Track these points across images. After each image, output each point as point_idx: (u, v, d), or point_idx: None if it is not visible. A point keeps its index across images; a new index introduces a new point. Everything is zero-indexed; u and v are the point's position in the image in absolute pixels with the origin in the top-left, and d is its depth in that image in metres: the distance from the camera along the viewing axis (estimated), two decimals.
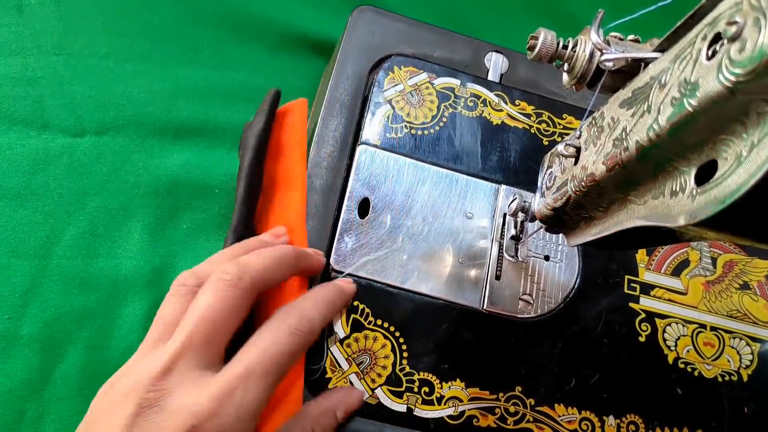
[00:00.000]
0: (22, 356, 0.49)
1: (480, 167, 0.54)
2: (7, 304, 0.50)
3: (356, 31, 0.58)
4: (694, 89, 0.25)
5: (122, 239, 0.55)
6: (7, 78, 0.58)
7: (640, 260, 0.53)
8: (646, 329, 0.51)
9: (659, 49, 0.31)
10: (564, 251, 0.52)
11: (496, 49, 0.60)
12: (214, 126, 0.61)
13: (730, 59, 0.23)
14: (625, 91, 0.32)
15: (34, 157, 0.56)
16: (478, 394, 0.46)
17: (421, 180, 0.52)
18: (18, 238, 0.53)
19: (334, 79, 0.56)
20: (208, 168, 0.59)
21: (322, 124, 0.54)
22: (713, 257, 0.54)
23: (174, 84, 0.62)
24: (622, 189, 0.33)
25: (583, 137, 0.36)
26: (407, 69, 0.55)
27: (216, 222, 0.58)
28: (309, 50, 0.68)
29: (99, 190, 0.56)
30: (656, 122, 0.27)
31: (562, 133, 0.57)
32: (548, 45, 0.36)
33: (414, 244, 0.50)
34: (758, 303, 0.54)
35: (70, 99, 0.58)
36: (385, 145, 0.52)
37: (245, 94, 0.64)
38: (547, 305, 0.50)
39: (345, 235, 0.49)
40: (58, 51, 0.60)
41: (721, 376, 0.51)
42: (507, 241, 0.51)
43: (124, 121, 0.59)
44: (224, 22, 0.66)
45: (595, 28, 0.34)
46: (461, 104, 0.55)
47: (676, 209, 0.27)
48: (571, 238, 0.40)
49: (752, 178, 0.22)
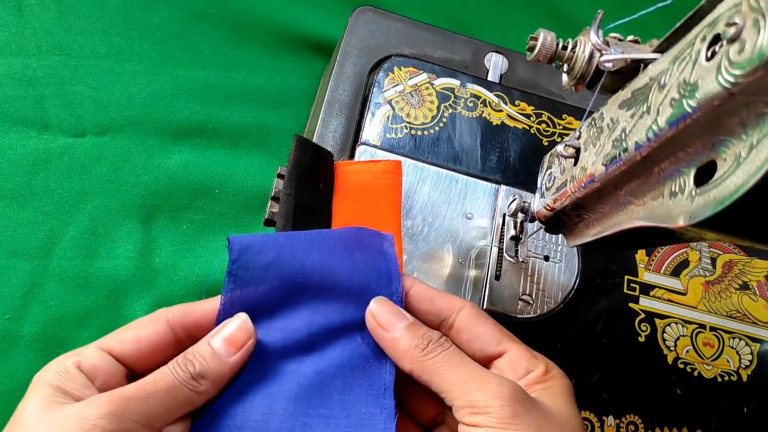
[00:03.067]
0: (22, 356, 0.49)
1: (480, 167, 0.54)
2: (8, 304, 0.50)
3: (356, 31, 0.58)
4: (693, 90, 0.25)
5: (122, 239, 0.55)
6: (7, 78, 0.58)
7: (639, 260, 0.53)
8: (646, 329, 0.51)
9: (659, 50, 0.31)
10: (563, 251, 0.52)
11: (495, 50, 0.60)
12: (214, 126, 0.61)
13: (729, 60, 0.23)
14: (624, 92, 0.32)
15: (34, 157, 0.56)
16: None
17: (421, 180, 0.52)
18: (18, 238, 0.53)
19: (334, 80, 0.56)
20: (208, 168, 0.59)
21: (322, 125, 0.54)
22: (713, 257, 0.54)
23: (174, 84, 0.62)
24: (621, 190, 0.33)
25: (582, 138, 0.36)
26: (407, 69, 0.55)
27: (216, 222, 0.58)
28: (309, 50, 0.68)
29: (99, 190, 0.56)
30: (655, 123, 0.27)
31: (562, 134, 0.57)
32: (548, 46, 0.36)
33: (414, 244, 0.50)
34: (758, 303, 0.54)
35: (71, 99, 0.59)
36: (385, 146, 0.52)
37: (245, 94, 0.64)
38: (547, 305, 0.50)
39: None
40: (58, 51, 0.60)
41: (720, 376, 0.51)
42: (507, 241, 0.51)
43: (124, 121, 0.59)
44: (224, 22, 0.66)
45: (594, 29, 0.34)
46: (461, 105, 0.55)
47: (675, 210, 0.27)
48: (570, 238, 0.40)
49: (751, 179, 0.22)
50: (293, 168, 0.45)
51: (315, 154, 0.47)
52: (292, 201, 0.44)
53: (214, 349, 0.33)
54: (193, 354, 0.32)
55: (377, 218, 0.47)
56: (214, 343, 0.33)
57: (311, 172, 0.46)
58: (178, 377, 0.31)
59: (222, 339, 0.33)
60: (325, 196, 0.47)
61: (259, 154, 0.62)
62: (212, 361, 0.32)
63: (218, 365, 0.32)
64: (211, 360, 0.32)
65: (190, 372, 0.31)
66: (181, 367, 0.31)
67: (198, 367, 0.32)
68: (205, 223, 0.58)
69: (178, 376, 0.31)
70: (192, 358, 0.32)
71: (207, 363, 0.32)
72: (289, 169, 0.45)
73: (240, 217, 0.59)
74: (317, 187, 0.47)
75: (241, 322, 0.34)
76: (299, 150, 0.46)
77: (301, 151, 0.46)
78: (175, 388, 0.31)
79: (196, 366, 0.32)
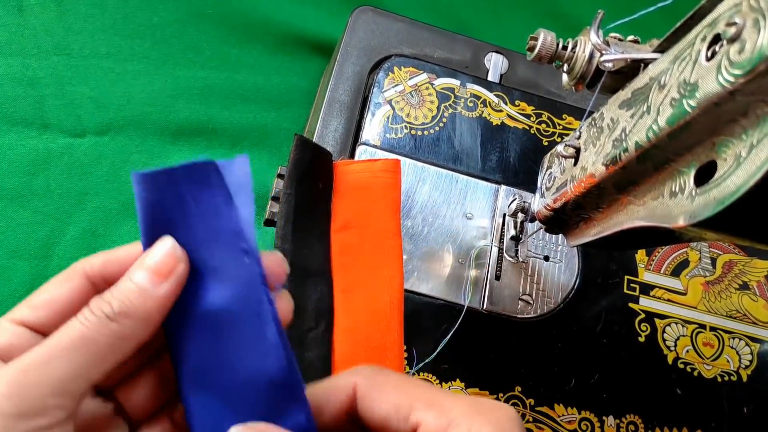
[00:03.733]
0: None
1: (480, 167, 0.54)
2: (8, 305, 0.50)
3: (356, 31, 0.58)
4: (693, 90, 0.25)
5: (122, 239, 0.55)
6: (8, 78, 0.58)
7: (639, 260, 0.53)
8: (646, 329, 0.51)
9: (659, 49, 0.31)
10: (563, 252, 0.52)
11: (495, 50, 0.60)
12: (214, 126, 0.61)
13: (729, 60, 0.23)
14: (624, 92, 0.32)
15: (34, 157, 0.56)
16: (477, 394, 0.46)
17: (421, 180, 0.52)
18: (18, 238, 0.53)
19: (334, 80, 0.56)
20: None
21: (322, 125, 0.54)
22: (713, 257, 0.54)
23: (174, 84, 0.62)
24: (621, 189, 0.33)
25: (582, 138, 0.36)
26: (407, 69, 0.55)
27: None
28: (309, 50, 0.68)
29: (99, 191, 0.56)
30: (656, 123, 0.27)
31: (562, 134, 0.57)
32: (548, 46, 0.36)
33: (414, 244, 0.50)
34: (758, 303, 0.54)
35: (71, 99, 0.59)
36: (385, 146, 0.52)
37: (245, 94, 0.64)
38: (547, 305, 0.50)
39: None
40: (58, 51, 0.60)
41: (720, 376, 0.51)
42: (507, 241, 0.51)
43: (124, 121, 0.59)
44: (224, 22, 0.66)
45: (594, 29, 0.34)
46: (461, 105, 0.55)
47: (675, 210, 0.27)
48: (570, 238, 0.40)
49: (751, 179, 0.22)
50: (293, 167, 0.45)
51: (315, 154, 0.47)
52: (292, 201, 0.44)
53: (138, 283, 0.27)
54: (111, 294, 0.27)
55: (377, 217, 0.47)
56: (137, 277, 0.27)
57: (311, 171, 0.46)
58: (88, 323, 0.26)
59: (146, 269, 0.27)
60: (325, 195, 0.47)
61: (259, 154, 0.62)
62: (136, 296, 0.27)
63: (144, 300, 0.27)
64: (135, 296, 0.27)
65: (106, 314, 0.26)
66: (92, 311, 0.26)
67: (117, 306, 0.26)
68: None
69: (88, 322, 0.26)
70: (109, 298, 0.26)
71: (129, 300, 0.26)
72: (290, 169, 0.45)
73: None
74: (317, 186, 0.46)
75: (168, 248, 0.28)
76: (299, 149, 0.46)
77: (301, 150, 0.46)
78: (88, 338, 0.25)
79: (114, 305, 0.26)
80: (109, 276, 0.29)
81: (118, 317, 0.26)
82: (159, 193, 0.30)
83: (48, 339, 0.26)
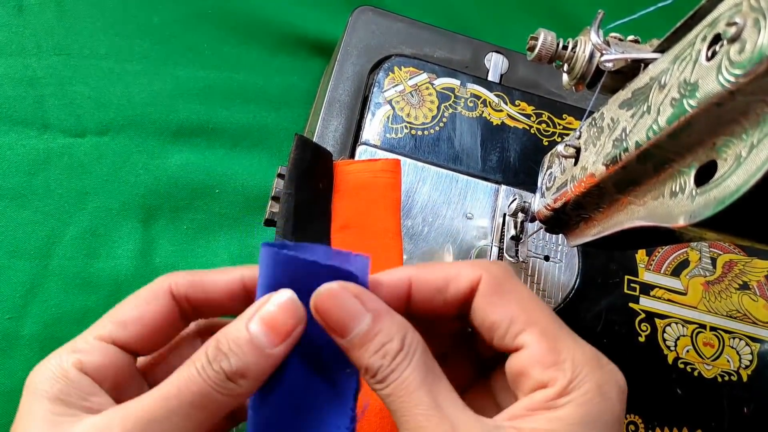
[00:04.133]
0: (22, 356, 0.49)
1: (480, 167, 0.54)
2: (8, 304, 0.50)
3: (356, 31, 0.58)
4: (693, 90, 0.25)
5: (122, 239, 0.55)
6: (8, 78, 0.58)
7: (639, 260, 0.53)
8: (646, 329, 0.51)
9: (659, 49, 0.31)
10: (564, 251, 0.52)
11: (496, 50, 0.60)
12: (214, 126, 0.61)
13: (729, 60, 0.23)
14: (624, 92, 0.32)
15: (34, 157, 0.56)
16: None
17: (421, 180, 0.52)
18: (19, 238, 0.53)
19: (334, 80, 0.56)
20: (208, 168, 0.59)
21: (322, 125, 0.54)
22: (713, 257, 0.54)
23: (174, 84, 0.62)
24: (621, 189, 0.33)
25: (582, 138, 0.36)
26: (407, 69, 0.55)
27: (216, 222, 0.58)
28: (309, 50, 0.68)
29: (99, 191, 0.56)
30: (656, 123, 0.27)
31: (562, 134, 0.57)
32: (548, 46, 0.36)
33: (414, 244, 0.50)
34: (758, 303, 0.54)
35: (71, 99, 0.58)
36: (385, 146, 0.52)
37: (245, 94, 0.64)
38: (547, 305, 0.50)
39: None
40: (58, 51, 0.60)
41: (720, 376, 0.51)
42: (507, 241, 0.51)
43: (124, 121, 0.59)
44: (224, 22, 0.66)
45: (595, 29, 0.34)
46: (461, 104, 0.55)
47: (675, 210, 0.27)
48: (571, 238, 0.40)
49: (752, 179, 0.22)
50: (293, 167, 0.45)
51: (315, 154, 0.47)
52: (292, 200, 0.44)
53: (253, 335, 0.24)
54: (228, 344, 0.24)
55: (377, 217, 0.47)
56: (253, 327, 0.25)
57: (311, 171, 0.46)
58: (210, 380, 0.24)
59: (262, 321, 0.25)
60: (325, 195, 0.47)
61: (259, 154, 0.62)
62: (252, 353, 0.24)
63: (258, 358, 0.24)
64: (251, 352, 0.24)
65: (225, 371, 0.24)
66: (212, 366, 0.24)
67: (234, 363, 0.24)
68: (206, 223, 0.58)
69: (209, 380, 0.24)
70: (227, 350, 0.24)
71: (245, 356, 0.24)
72: (290, 169, 0.45)
73: (240, 217, 0.59)
74: (317, 186, 0.46)
75: (287, 300, 0.25)
76: (300, 149, 0.46)
77: (301, 150, 0.46)
78: (208, 396, 0.24)
79: (232, 362, 0.24)
80: (194, 300, 0.28)
81: (236, 377, 0.24)
82: (290, 273, 0.28)
83: (166, 386, 0.24)
